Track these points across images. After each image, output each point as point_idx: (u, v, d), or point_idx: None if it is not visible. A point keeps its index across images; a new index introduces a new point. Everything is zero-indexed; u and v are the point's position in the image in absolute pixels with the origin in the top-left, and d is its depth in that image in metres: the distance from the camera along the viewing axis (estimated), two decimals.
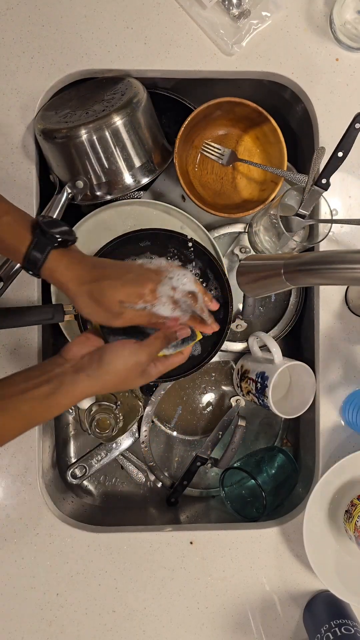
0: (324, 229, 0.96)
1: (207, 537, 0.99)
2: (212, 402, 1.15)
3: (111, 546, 0.98)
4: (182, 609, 0.98)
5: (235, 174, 1.08)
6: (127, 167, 0.94)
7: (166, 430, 1.14)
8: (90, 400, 1.07)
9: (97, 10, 0.96)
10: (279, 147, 1.00)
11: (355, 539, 0.93)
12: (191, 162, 1.07)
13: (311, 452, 1.03)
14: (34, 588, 0.97)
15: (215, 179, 1.08)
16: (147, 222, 1.01)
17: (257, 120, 1.02)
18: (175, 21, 0.97)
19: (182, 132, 0.98)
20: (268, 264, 0.77)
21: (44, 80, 0.96)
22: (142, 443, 1.12)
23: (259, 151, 1.06)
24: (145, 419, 1.11)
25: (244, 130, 1.06)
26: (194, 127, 1.02)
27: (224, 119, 1.05)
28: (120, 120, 0.90)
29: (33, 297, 0.97)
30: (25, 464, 0.97)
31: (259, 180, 1.07)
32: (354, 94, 0.99)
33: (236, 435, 1.07)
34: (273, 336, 1.09)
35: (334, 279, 0.68)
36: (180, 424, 1.14)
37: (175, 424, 1.14)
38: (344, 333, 1.00)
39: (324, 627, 0.91)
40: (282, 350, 1.01)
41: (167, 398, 1.13)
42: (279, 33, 0.98)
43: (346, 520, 0.97)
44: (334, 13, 0.96)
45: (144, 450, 1.12)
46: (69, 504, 1.06)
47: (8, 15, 0.95)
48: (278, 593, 0.99)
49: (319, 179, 0.93)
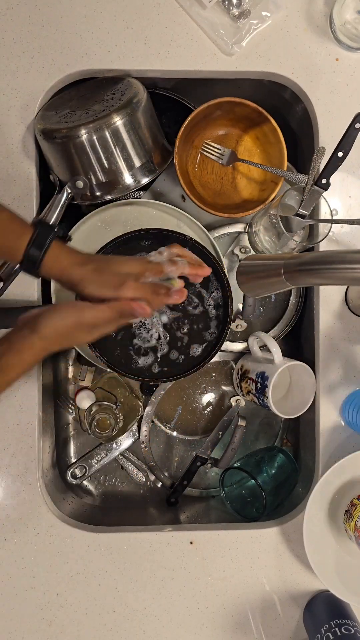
0: (324, 229, 0.96)
1: (207, 537, 0.99)
2: (212, 402, 1.15)
3: (111, 546, 0.98)
4: (182, 609, 0.98)
5: (235, 174, 1.08)
6: (127, 167, 0.94)
7: (166, 430, 1.14)
8: (90, 400, 1.07)
9: (97, 10, 0.96)
10: (279, 147, 1.00)
11: (355, 539, 0.93)
12: (191, 162, 1.07)
13: (311, 452, 1.03)
14: (34, 588, 0.97)
15: (215, 179, 1.08)
16: (147, 222, 1.01)
17: (257, 120, 1.02)
18: (175, 21, 0.97)
19: (182, 132, 0.98)
20: (268, 264, 0.77)
21: (44, 80, 0.96)
22: (142, 443, 1.12)
23: (259, 151, 1.06)
24: (145, 419, 1.11)
25: (244, 130, 1.06)
26: (194, 127, 1.02)
27: (224, 119, 1.05)
28: (120, 120, 0.90)
29: (33, 297, 0.97)
30: (25, 464, 0.97)
31: (259, 180, 1.07)
32: (354, 94, 0.99)
33: (236, 435, 1.07)
34: (273, 336, 1.08)
35: (333, 279, 0.68)
36: (180, 424, 1.14)
37: (175, 424, 1.14)
38: (344, 333, 1.00)
39: (324, 627, 0.91)
40: (282, 350, 1.01)
41: (167, 398, 1.13)
42: (279, 33, 0.98)
43: (346, 520, 0.97)
44: (334, 13, 0.96)
45: (143, 451, 1.12)
46: (69, 504, 1.06)
47: (8, 15, 0.95)
48: (278, 593, 0.99)
49: (319, 179, 0.93)
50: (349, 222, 0.97)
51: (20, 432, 0.97)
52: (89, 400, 1.07)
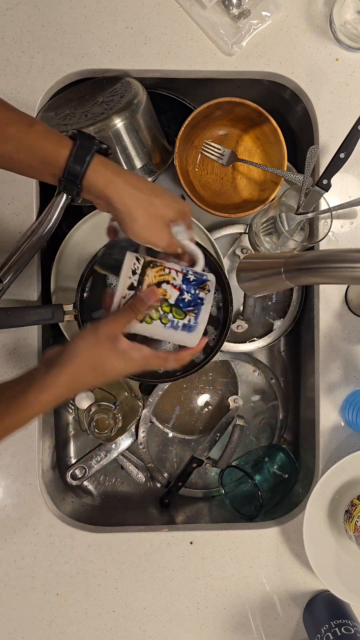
0: (324, 229, 0.96)
1: (207, 537, 0.99)
2: (210, 402, 1.15)
3: (111, 546, 0.98)
4: (182, 609, 0.98)
5: (235, 174, 1.08)
6: (127, 168, 0.94)
7: (165, 430, 1.14)
8: (89, 400, 1.07)
9: (97, 10, 0.96)
10: (279, 147, 1.00)
11: (355, 538, 0.93)
12: (191, 162, 1.07)
13: (311, 452, 1.03)
14: (34, 588, 0.97)
15: (215, 179, 1.08)
16: None
17: (257, 121, 1.02)
18: (175, 21, 0.97)
19: (182, 132, 0.98)
20: (268, 262, 0.77)
21: (44, 80, 0.96)
22: (140, 444, 1.12)
23: (259, 151, 1.07)
24: (143, 420, 1.11)
25: (244, 131, 1.06)
26: (194, 128, 1.02)
27: (224, 119, 1.05)
28: (120, 122, 0.90)
29: (33, 297, 0.97)
30: (25, 464, 0.97)
31: (259, 181, 1.07)
32: (354, 94, 0.99)
33: (234, 434, 1.07)
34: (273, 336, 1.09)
35: (334, 277, 0.68)
36: (178, 424, 1.14)
37: (174, 424, 1.14)
38: (344, 333, 1.00)
39: (324, 627, 0.91)
40: (282, 350, 1.01)
41: (165, 398, 1.13)
42: (279, 33, 0.98)
43: (346, 520, 0.97)
44: (334, 13, 0.96)
45: (142, 451, 1.12)
46: (69, 504, 1.06)
47: (8, 15, 0.95)
48: (278, 593, 0.99)
49: (320, 179, 0.93)
50: (346, 207, 0.96)
51: (20, 432, 0.96)
52: (88, 401, 1.07)
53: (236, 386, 1.14)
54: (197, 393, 1.14)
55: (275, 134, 1.00)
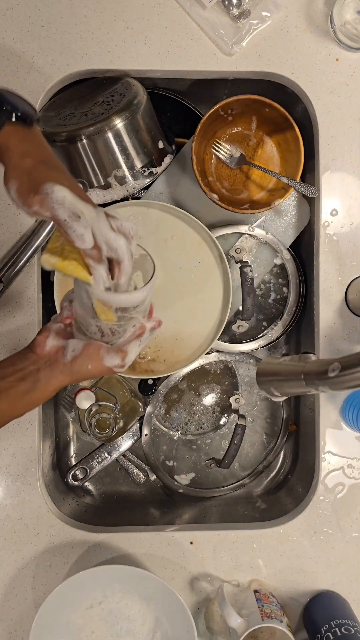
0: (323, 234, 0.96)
1: (207, 537, 0.99)
2: (212, 402, 1.15)
3: (111, 546, 0.98)
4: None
5: (250, 174, 1.06)
6: (127, 169, 0.94)
7: (165, 430, 1.14)
8: (89, 401, 1.07)
9: (97, 10, 0.96)
10: (298, 157, 0.98)
11: None
12: (209, 151, 1.05)
13: (311, 452, 1.03)
14: (34, 588, 0.97)
15: (230, 174, 1.06)
16: (147, 222, 1.01)
17: (282, 126, 1.00)
18: (175, 21, 0.97)
19: (210, 114, 0.96)
20: (287, 370, 0.74)
21: (44, 80, 0.96)
22: (143, 443, 1.12)
23: (279, 157, 1.05)
24: (146, 419, 1.11)
25: (268, 134, 1.05)
26: (216, 120, 1.00)
27: (250, 116, 1.03)
28: (120, 122, 0.90)
29: (33, 297, 0.97)
30: (25, 464, 0.97)
31: (271, 185, 1.05)
32: (354, 94, 0.99)
33: (237, 435, 1.07)
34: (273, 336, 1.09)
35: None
36: (180, 424, 1.14)
37: (175, 425, 1.14)
38: (344, 333, 1.00)
39: (324, 627, 0.91)
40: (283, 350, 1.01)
41: (167, 398, 1.13)
42: (279, 33, 0.98)
43: None
44: (334, 13, 0.96)
45: (145, 451, 1.12)
46: (69, 504, 1.06)
47: (8, 15, 0.95)
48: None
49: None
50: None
51: (20, 432, 0.97)
52: (89, 401, 1.07)
53: (237, 386, 1.14)
54: (198, 393, 1.14)
55: (297, 143, 0.98)
